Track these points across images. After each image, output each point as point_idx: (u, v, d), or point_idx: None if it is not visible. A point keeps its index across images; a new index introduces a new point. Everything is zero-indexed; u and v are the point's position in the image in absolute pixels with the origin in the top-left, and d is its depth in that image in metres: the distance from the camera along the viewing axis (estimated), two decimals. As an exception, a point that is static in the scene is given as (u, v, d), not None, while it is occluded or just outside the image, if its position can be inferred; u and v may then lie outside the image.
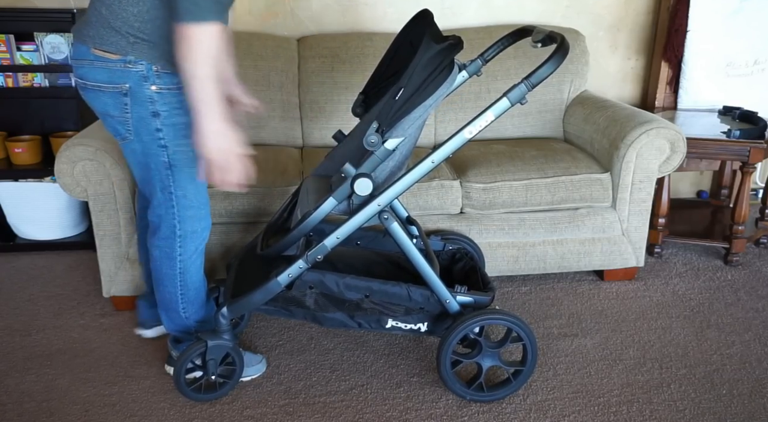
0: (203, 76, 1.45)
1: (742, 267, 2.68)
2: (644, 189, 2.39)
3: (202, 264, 1.85)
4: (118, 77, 1.55)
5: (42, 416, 1.80)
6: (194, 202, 1.73)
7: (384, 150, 1.65)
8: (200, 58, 1.43)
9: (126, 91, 1.56)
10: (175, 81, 1.56)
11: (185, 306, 1.84)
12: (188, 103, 1.52)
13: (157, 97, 1.57)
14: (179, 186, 1.69)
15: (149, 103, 1.58)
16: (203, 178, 1.60)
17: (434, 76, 1.59)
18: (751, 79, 2.91)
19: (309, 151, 2.67)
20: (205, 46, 1.43)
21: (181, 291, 1.81)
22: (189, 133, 1.58)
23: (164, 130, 1.61)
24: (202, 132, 1.51)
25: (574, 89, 2.84)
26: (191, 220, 1.74)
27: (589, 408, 1.84)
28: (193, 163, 1.65)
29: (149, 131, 1.61)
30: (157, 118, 1.60)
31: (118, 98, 1.57)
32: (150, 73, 1.55)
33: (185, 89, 1.50)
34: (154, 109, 1.59)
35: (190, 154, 1.64)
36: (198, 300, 1.86)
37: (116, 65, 1.54)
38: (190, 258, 1.78)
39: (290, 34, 2.88)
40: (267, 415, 1.81)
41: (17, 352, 2.09)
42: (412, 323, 1.83)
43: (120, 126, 1.63)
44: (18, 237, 2.84)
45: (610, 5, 3.03)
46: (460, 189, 2.32)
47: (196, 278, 1.83)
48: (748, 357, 2.08)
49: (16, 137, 2.80)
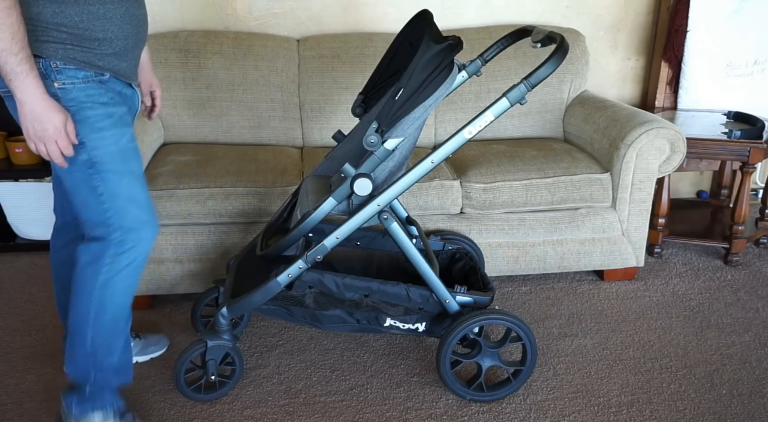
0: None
1: (742, 267, 2.68)
2: (644, 189, 2.39)
3: (131, 289, 1.59)
4: None
5: (42, 416, 1.80)
6: (129, 202, 1.53)
7: (384, 150, 1.66)
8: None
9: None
10: (81, 75, 1.44)
11: (96, 332, 1.56)
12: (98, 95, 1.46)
13: (61, 94, 1.43)
14: (108, 184, 1.51)
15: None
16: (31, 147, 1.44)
17: (434, 76, 1.59)
18: (751, 79, 2.91)
19: (309, 151, 2.67)
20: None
21: (95, 312, 1.54)
22: (107, 125, 1.49)
23: (76, 126, 1.45)
24: (18, 109, 1.39)
25: (574, 89, 2.84)
26: (129, 221, 1.54)
27: (589, 408, 1.84)
28: (121, 158, 1.52)
29: None
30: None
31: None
32: (49, 69, 1.42)
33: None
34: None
35: (112, 147, 1.50)
36: (113, 333, 1.58)
37: None
38: (121, 272, 1.54)
39: (290, 34, 2.88)
40: (267, 415, 1.81)
41: (17, 352, 2.09)
42: (410, 323, 1.83)
43: None
44: (18, 237, 2.84)
45: (610, 5, 3.03)
46: (460, 189, 2.32)
47: (118, 302, 1.57)
48: (748, 357, 2.08)
49: (16, 137, 2.80)
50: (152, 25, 2.81)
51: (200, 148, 2.58)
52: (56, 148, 1.42)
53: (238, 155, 2.48)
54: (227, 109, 2.68)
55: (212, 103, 2.67)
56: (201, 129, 2.69)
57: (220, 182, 2.22)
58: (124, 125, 1.53)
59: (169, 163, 2.36)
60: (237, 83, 2.67)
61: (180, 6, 2.81)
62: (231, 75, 2.66)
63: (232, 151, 2.53)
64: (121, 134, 1.52)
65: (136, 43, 1.56)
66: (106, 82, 1.50)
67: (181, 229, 2.22)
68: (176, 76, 2.63)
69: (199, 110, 2.67)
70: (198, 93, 2.65)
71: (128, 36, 1.52)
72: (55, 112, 1.39)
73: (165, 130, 2.68)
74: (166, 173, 2.26)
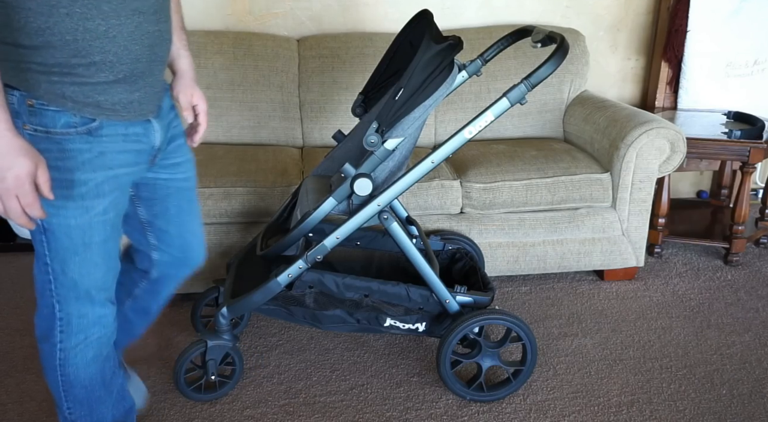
0: None
1: (742, 267, 2.68)
2: (644, 189, 2.39)
3: (99, 358, 1.40)
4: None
5: (42, 416, 1.80)
6: (79, 282, 1.29)
7: (384, 150, 1.66)
8: None
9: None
10: (61, 122, 1.15)
11: (71, 406, 1.42)
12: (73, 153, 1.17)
13: (30, 141, 1.13)
14: (57, 258, 1.26)
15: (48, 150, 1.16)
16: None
17: (434, 76, 1.59)
18: (751, 79, 2.91)
19: (309, 151, 2.67)
20: None
21: (63, 388, 1.39)
22: (74, 194, 1.21)
23: None
24: None
25: (574, 89, 2.84)
26: (75, 303, 1.31)
27: (589, 408, 1.84)
28: (81, 232, 1.25)
29: None
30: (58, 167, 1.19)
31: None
32: (22, 107, 1.14)
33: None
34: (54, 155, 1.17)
35: (71, 221, 1.23)
36: (90, 401, 1.43)
37: None
38: (74, 348, 1.35)
39: (290, 34, 2.88)
40: (267, 415, 1.81)
41: (17, 352, 2.09)
42: (411, 323, 1.83)
43: None
44: (18, 237, 2.84)
45: (610, 5, 3.03)
46: (460, 189, 2.32)
47: (86, 374, 1.39)
48: (748, 357, 2.08)
49: (17, 137, 2.79)
50: (152, 25, 2.81)
51: (200, 148, 2.58)
52: (16, 205, 1.09)
53: (238, 155, 2.48)
54: (227, 109, 2.68)
55: (212, 103, 2.67)
56: (201, 129, 2.69)
57: (220, 182, 2.22)
58: (98, 195, 1.23)
59: (169, 163, 2.36)
60: (237, 83, 2.67)
61: (180, 6, 2.81)
62: (231, 75, 2.66)
63: (232, 151, 2.53)
64: (89, 207, 1.23)
65: (150, 66, 1.23)
66: (95, 130, 1.19)
67: (181, 229, 2.22)
68: (176, 76, 2.63)
69: (199, 110, 2.67)
70: (198, 93, 2.65)
71: (138, 58, 1.20)
72: (21, 156, 1.07)
73: (165, 130, 2.68)
74: (166, 173, 2.26)
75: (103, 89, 1.17)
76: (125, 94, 1.20)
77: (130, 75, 1.20)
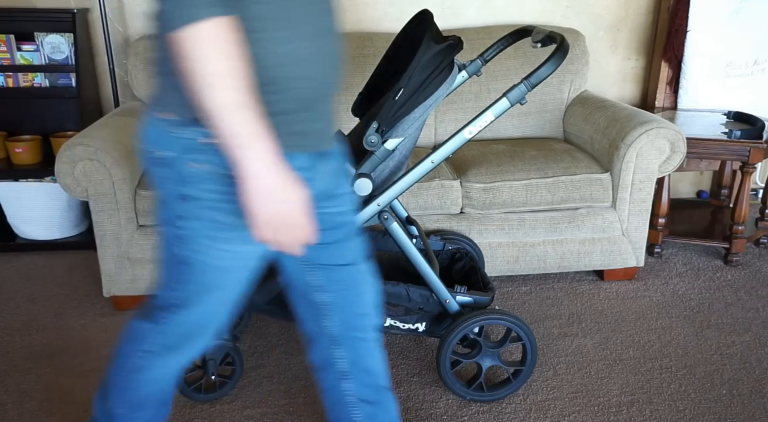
0: (221, 104, 0.94)
1: (742, 267, 2.68)
2: (644, 189, 2.39)
3: (166, 380, 1.31)
4: (165, 141, 1.07)
5: (42, 416, 1.80)
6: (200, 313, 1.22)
7: (384, 150, 1.66)
8: (207, 81, 0.92)
9: (166, 160, 1.08)
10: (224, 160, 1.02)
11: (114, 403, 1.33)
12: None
13: (193, 175, 1.07)
14: (189, 286, 1.19)
15: (179, 182, 1.08)
16: (256, 238, 1.06)
17: (434, 76, 1.59)
18: (751, 79, 2.91)
19: (309, 151, 2.66)
20: (208, 60, 0.92)
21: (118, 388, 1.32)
22: (229, 237, 1.11)
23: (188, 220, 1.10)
24: (244, 186, 1.00)
25: (574, 89, 2.84)
26: (188, 326, 1.23)
27: (589, 408, 1.84)
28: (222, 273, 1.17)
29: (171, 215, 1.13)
30: (184, 203, 1.09)
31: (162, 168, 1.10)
32: (195, 142, 1.04)
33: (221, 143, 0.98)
34: (183, 191, 1.09)
35: (218, 263, 1.15)
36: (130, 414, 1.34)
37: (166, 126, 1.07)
38: (156, 363, 1.26)
39: (290, 34, 2.87)
40: (267, 415, 1.81)
41: (17, 352, 2.09)
42: (410, 323, 1.83)
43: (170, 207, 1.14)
44: (18, 237, 2.84)
45: (610, 5, 3.03)
46: (460, 189, 2.32)
47: (144, 391, 1.30)
48: (748, 357, 2.08)
49: (17, 137, 2.80)
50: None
51: (200, 148, 2.58)
52: (297, 237, 1.05)
53: (238, 155, 2.47)
54: (227, 109, 2.67)
55: (212, 103, 2.66)
56: (201, 129, 2.69)
57: (220, 182, 2.22)
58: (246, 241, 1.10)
59: (169, 163, 2.36)
60: (237, 83, 2.66)
61: (180, 6, 2.81)
62: (231, 75, 2.65)
63: (232, 151, 2.53)
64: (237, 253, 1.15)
65: (333, 90, 1.14)
66: None
67: (181, 229, 2.22)
68: (176, 76, 2.63)
69: (199, 110, 2.66)
70: (198, 93, 2.65)
71: (330, 84, 1.12)
72: (296, 187, 1.01)
73: (165, 130, 2.68)
74: (166, 173, 2.26)
75: (294, 123, 1.09)
76: (316, 125, 1.13)
77: (319, 105, 1.12)
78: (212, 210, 1.08)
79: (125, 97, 2.85)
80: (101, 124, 2.29)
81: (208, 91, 0.93)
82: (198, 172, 1.06)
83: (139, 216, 2.19)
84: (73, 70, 2.71)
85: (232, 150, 0.97)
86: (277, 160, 0.98)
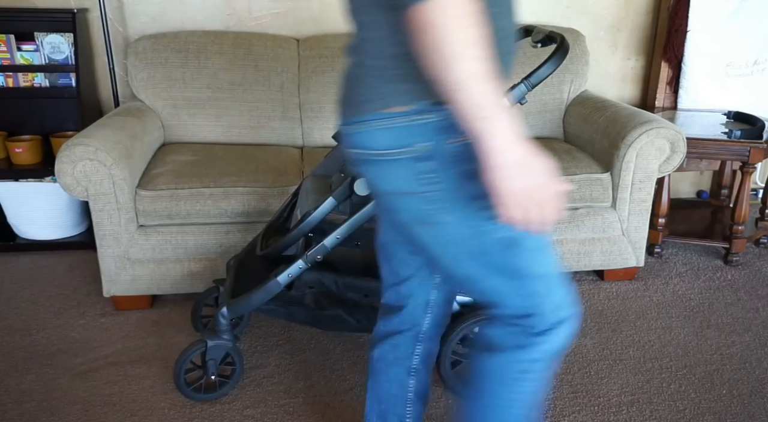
0: (467, 75, 0.90)
1: (742, 267, 2.68)
2: (644, 189, 2.39)
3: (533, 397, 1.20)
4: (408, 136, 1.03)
5: (42, 416, 1.80)
6: (549, 281, 1.15)
7: (384, 150, 1.65)
8: (450, 56, 0.89)
9: (424, 154, 1.03)
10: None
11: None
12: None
13: (463, 149, 1.02)
14: (530, 263, 1.12)
15: (458, 161, 1.03)
16: (503, 219, 0.99)
17: (434, 76, 1.58)
18: (751, 79, 2.91)
19: (309, 151, 2.67)
20: (452, 34, 0.89)
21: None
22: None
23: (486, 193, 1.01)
24: (489, 161, 0.94)
25: (574, 89, 2.84)
26: (551, 310, 1.14)
27: (589, 408, 1.84)
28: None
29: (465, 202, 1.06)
30: (473, 180, 1.03)
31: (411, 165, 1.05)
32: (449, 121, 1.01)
33: (453, 107, 0.94)
34: (467, 167, 1.03)
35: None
36: None
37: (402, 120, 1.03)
38: (539, 370, 1.17)
39: (290, 34, 2.88)
40: (267, 415, 1.81)
41: (17, 352, 2.09)
42: (412, 323, 1.83)
43: (423, 205, 1.08)
44: (18, 237, 2.84)
45: (610, 5, 3.03)
46: (460, 189, 2.32)
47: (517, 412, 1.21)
48: (748, 357, 2.08)
49: (17, 137, 2.80)
50: (152, 25, 2.82)
51: (200, 148, 2.58)
52: (546, 214, 0.98)
53: (238, 155, 2.48)
54: (227, 109, 2.68)
55: (212, 103, 2.67)
56: (201, 129, 2.69)
57: (220, 182, 2.22)
58: None
59: (169, 163, 2.36)
60: (237, 83, 2.66)
61: (180, 6, 2.81)
62: (231, 75, 2.66)
63: (232, 151, 2.53)
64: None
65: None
66: None
67: (181, 229, 2.22)
68: (176, 76, 2.63)
69: (199, 110, 2.67)
70: (198, 93, 2.65)
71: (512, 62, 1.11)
72: (541, 159, 0.95)
73: (165, 130, 2.68)
74: (166, 173, 2.26)
75: None
76: None
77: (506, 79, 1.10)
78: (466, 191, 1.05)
79: (125, 97, 2.85)
80: (101, 124, 2.29)
81: (453, 62, 0.90)
82: (455, 150, 1.02)
83: (139, 217, 2.19)
84: (73, 70, 2.71)
85: (476, 122, 0.92)
86: (519, 133, 0.93)
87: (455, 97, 0.92)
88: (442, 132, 1.02)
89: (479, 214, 1.05)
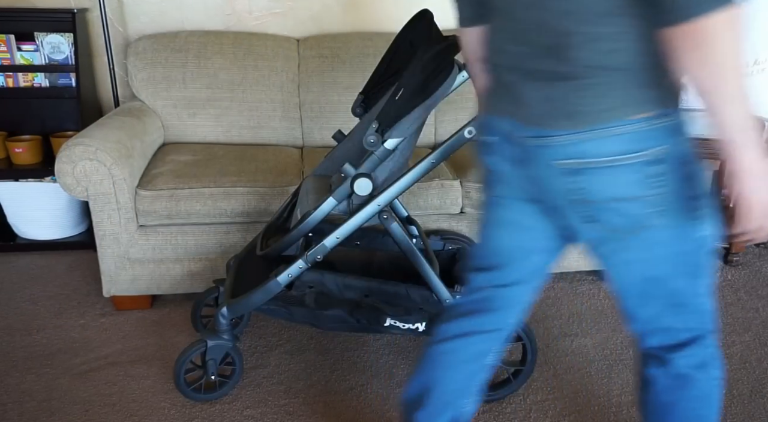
0: (740, 87, 0.98)
1: (742, 267, 2.68)
2: (644, 189, 2.39)
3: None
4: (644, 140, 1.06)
5: (42, 416, 1.80)
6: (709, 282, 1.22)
7: (384, 150, 1.65)
8: (724, 68, 0.95)
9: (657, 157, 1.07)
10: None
11: None
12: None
13: (688, 152, 1.12)
14: (707, 264, 1.19)
15: (683, 163, 1.10)
16: (735, 229, 1.06)
17: (434, 76, 1.59)
18: (751, 79, 2.91)
19: (309, 151, 2.67)
20: (727, 48, 0.95)
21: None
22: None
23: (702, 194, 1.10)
24: (741, 172, 1.02)
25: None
26: (710, 318, 1.22)
27: (589, 408, 1.84)
28: None
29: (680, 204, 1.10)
30: (689, 182, 1.11)
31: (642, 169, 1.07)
32: (681, 124, 1.10)
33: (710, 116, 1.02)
34: (688, 169, 1.10)
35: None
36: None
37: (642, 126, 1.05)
38: (720, 367, 1.24)
39: (290, 34, 2.88)
40: (267, 415, 1.81)
41: (18, 352, 2.09)
42: (410, 323, 1.83)
43: (642, 209, 1.10)
44: (18, 237, 2.84)
45: (610, 5, 3.03)
46: (460, 189, 2.32)
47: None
48: (748, 357, 2.08)
49: (17, 137, 2.80)
50: (152, 25, 2.82)
51: (200, 148, 2.58)
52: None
53: (238, 155, 2.48)
54: (227, 109, 2.68)
55: (212, 103, 2.67)
56: (201, 129, 2.69)
57: (220, 182, 2.22)
58: None
59: (169, 163, 2.36)
60: (237, 83, 2.67)
61: (180, 6, 2.81)
62: (231, 75, 2.66)
63: (232, 151, 2.53)
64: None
65: None
66: None
67: (181, 229, 2.22)
68: (176, 76, 2.63)
69: (199, 110, 2.67)
70: (198, 93, 2.65)
71: None
72: None
73: (165, 130, 2.68)
74: (166, 173, 2.26)
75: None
76: None
77: None
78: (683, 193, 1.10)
79: (125, 97, 2.85)
80: (101, 124, 2.29)
81: (731, 76, 0.96)
82: (683, 152, 1.09)
83: (139, 216, 2.19)
84: (73, 70, 2.72)
85: (737, 134, 0.99)
86: (760, 145, 0.99)
87: (722, 109, 0.98)
88: (675, 135, 1.07)
89: (689, 215, 1.09)
